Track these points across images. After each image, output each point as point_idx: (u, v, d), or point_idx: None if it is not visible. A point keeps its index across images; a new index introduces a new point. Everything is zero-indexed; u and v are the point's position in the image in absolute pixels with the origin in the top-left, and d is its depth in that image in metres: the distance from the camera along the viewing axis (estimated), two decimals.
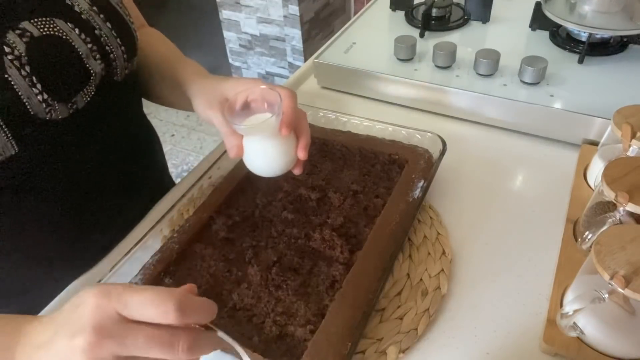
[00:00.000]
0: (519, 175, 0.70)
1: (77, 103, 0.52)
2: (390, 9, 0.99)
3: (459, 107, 0.77)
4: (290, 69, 2.24)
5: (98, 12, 0.54)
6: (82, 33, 0.51)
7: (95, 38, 0.53)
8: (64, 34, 0.50)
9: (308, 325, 0.48)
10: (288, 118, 0.49)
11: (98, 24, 0.53)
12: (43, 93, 0.47)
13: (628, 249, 0.42)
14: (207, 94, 0.55)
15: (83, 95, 0.52)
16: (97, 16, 0.54)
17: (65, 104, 0.50)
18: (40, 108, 0.48)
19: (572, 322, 0.45)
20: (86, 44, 0.52)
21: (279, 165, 0.52)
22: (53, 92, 0.48)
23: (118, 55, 0.56)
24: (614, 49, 0.80)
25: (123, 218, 0.64)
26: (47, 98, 0.48)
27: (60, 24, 0.50)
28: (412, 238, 0.59)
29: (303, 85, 0.90)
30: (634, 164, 0.50)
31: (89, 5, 0.53)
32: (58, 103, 0.49)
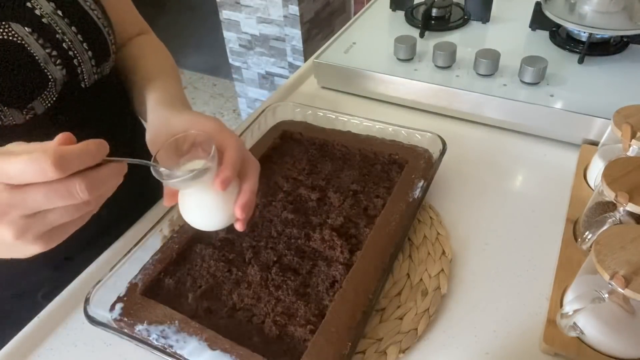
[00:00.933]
0: (519, 175, 0.70)
1: (35, 109, 0.50)
2: (390, 9, 0.99)
3: (459, 107, 0.77)
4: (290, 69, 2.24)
5: (62, 16, 0.52)
6: (41, 38, 0.50)
7: (57, 43, 0.51)
8: (19, 38, 0.48)
9: (308, 325, 0.48)
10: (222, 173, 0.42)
11: (61, 28, 0.52)
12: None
13: (628, 249, 0.42)
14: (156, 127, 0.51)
15: (42, 101, 0.51)
16: (61, 20, 0.52)
17: (20, 110, 0.49)
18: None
19: (572, 322, 0.45)
20: (45, 48, 0.50)
21: (214, 221, 0.45)
22: (4, 98, 0.47)
23: (84, 60, 0.54)
24: (614, 49, 0.80)
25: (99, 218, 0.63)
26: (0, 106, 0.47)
27: (16, 28, 0.48)
28: (412, 238, 0.59)
29: (303, 85, 0.90)
30: (634, 164, 0.50)
31: (52, 9, 0.52)
32: (9, 109, 0.48)
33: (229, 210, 0.44)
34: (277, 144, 0.72)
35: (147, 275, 0.54)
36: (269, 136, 0.72)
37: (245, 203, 0.44)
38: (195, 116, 0.48)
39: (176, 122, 0.48)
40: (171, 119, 0.49)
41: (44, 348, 0.53)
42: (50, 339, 0.54)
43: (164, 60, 0.66)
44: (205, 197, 0.44)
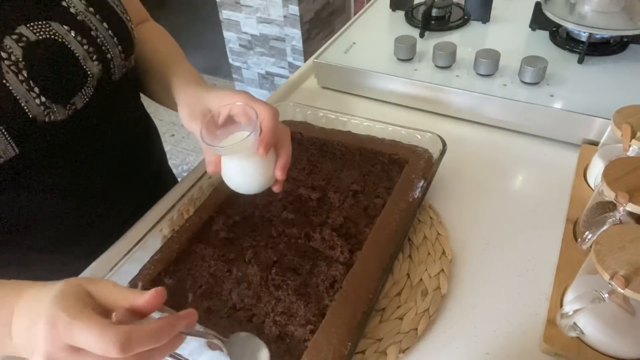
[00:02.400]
0: (519, 175, 0.70)
1: (75, 104, 0.52)
2: (390, 9, 0.99)
3: (459, 107, 0.77)
4: (290, 69, 2.23)
5: (94, 12, 0.54)
6: (79, 35, 0.52)
7: (92, 39, 0.53)
8: (60, 37, 0.50)
9: (308, 325, 0.48)
10: (265, 138, 0.47)
11: (94, 25, 0.54)
12: (41, 96, 0.48)
13: (628, 249, 0.42)
14: (191, 104, 0.54)
15: (81, 96, 0.53)
16: (93, 17, 0.54)
17: (64, 106, 0.51)
18: (38, 111, 0.48)
19: (572, 322, 0.45)
20: (82, 45, 0.52)
21: (256, 184, 0.50)
22: (51, 95, 0.49)
23: (115, 55, 0.56)
24: (614, 49, 0.80)
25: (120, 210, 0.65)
26: (45, 101, 0.49)
27: (56, 27, 0.50)
28: (412, 238, 0.59)
29: (303, 85, 0.90)
30: (634, 164, 0.50)
31: (85, 6, 0.53)
32: (56, 105, 0.50)
33: (269, 173, 0.50)
34: None
35: (147, 275, 0.54)
36: None
37: (285, 165, 0.49)
38: (225, 91, 0.52)
39: (209, 98, 0.52)
40: (204, 95, 0.53)
41: None
42: None
43: (173, 45, 0.69)
44: (248, 162, 0.48)
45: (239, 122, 0.50)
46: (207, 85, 0.56)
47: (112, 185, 0.63)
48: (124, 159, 0.64)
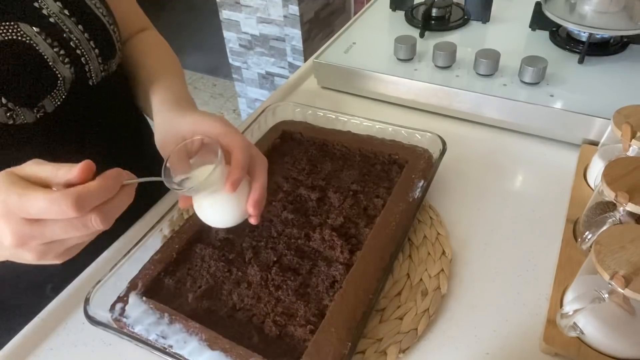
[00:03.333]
0: (519, 175, 0.70)
1: (45, 107, 0.51)
2: (390, 9, 0.99)
3: (459, 107, 0.77)
4: (290, 69, 2.24)
5: (69, 15, 0.53)
6: (49, 37, 0.50)
7: (64, 42, 0.52)
8: (28, 38, 0.49)
9: (308, 325, 0.48)
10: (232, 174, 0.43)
11: (68, 27, 0.52)
12: (1, 98, 0.47)
13: (628, 249, 0.42)
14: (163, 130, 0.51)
15: (51, 99, 0.51)
16: (67, 19, 0.53)
17: (31, 109, 0.50)
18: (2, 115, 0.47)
19: (572, 322, 0.45)
20: (53, 48, 0.51)
21: (229, 219, 0.47)
22: (14, 97, 0.48)
23: (91, 58, 0.55)
24: (614, 49, 0.80)
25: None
26: (7, 103, 0.48)
27: (24, 28, 0.49)
28: (412, 238, 0.59)
29: (303, 85, 0.90)
30: (634, 164, 0.50)
31: (59, 8, 0.52)
32: (21, 108, 0.49)
33: (242, 207, 0.46)
34: (277, 144, 0.72)
35: (147, 275, 0.54)
36: (269, 136, 0.72)
37: (257, 200, 0.46)
38: (200, 116, 0.49)
39: (182, 124, 0.49)
40: (176, 121, 0.50)
41: (44, 348, 0.53)
42: (50, 339, 0.54)
43: (167, 57, 0.67)
44: (218, 197, 0.45)
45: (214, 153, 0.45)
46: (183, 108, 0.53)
47: None
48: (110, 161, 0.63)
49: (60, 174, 0.35)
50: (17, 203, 0.33)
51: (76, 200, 0.33)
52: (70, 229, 0.35)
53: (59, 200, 0.33)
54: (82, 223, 0.35)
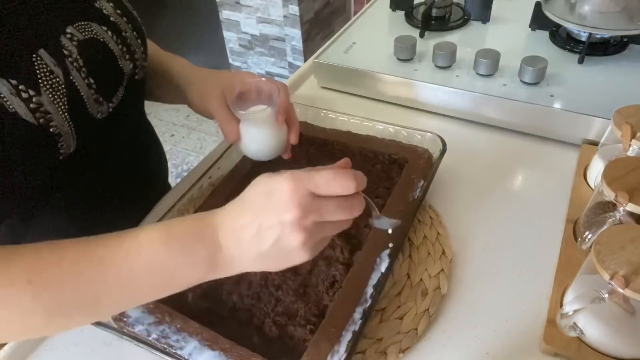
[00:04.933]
0: (519, 175, 0.70)
1: (114, 102, 0.54)
2: (390, 9, 0.99)
3: (459, 107, 0.77)
4: (290, 69, 2.23)
5: (121, 15, 0.56)
6: (114, 35, 0.53)
7: (124, 40, 0.55)
8: (101, 36, 0.52)
9: (308, 325, 0.48)
10: (284, 107, 0.55)
11: (124, 26, 0.55)
12: (97, 93, 0.50)
13: (628, 249, 0.42)
14: (201, 85, 0.59)
15: (118, 94, 0.55)
16: (121, 19, 0.55)
17: (107, 103, 0.53)
18: (94, 108, 0.50)
19: (572, 322, 0.45)
20: (118, 45, 0.54)
21: (272, 150, 0.59)
22: (102, 91, 0.51)
23: (139, 55, 0.58)
24: (614, 49, 0.80)
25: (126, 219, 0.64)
26: (99, 97, 0.51)
27: (96, 28, 0.52)
28: (412, 238, 0.59)
29: (303, 85, 0.90)
30: (634, 164, 0.50)
31: (113, 9, 0.55)
32: (105, 102, 0.52)
33: (283, 140, 0.59)
34: None
35: None
36: None
37: (297, 131, 0.60)
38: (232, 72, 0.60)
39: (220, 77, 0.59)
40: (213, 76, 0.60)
41: (43, 348, 0.53)
42: (50, 339, 0.54)
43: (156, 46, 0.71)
44: (265, 130, 0.57)
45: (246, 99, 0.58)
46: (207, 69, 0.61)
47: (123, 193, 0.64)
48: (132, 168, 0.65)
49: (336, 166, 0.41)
50: (306, 176, 0.37)
51: (354, 176, 0.37)
52: (341, 209, 0.38)
53: (343, 173, 0.37)
54: (350, 205, 0.38)
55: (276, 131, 0.58)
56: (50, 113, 0.45)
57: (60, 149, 0.47)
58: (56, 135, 0.46)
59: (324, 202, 0.37)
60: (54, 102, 0.45)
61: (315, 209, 0.37)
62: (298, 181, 0.37)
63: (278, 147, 0.59)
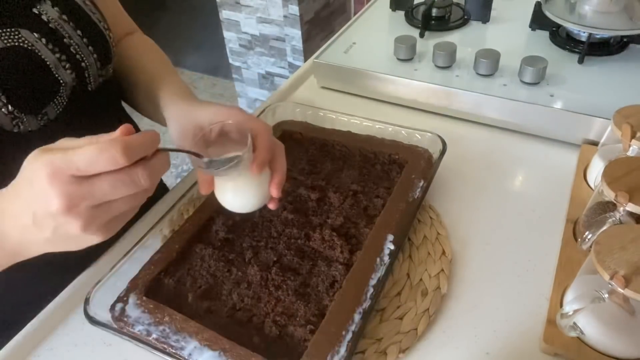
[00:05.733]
0: (519, 175, 0.70)
1: (47, 114, 0.51)
2: (390, 9, 0.99)
3: (459, 107, 0.77)
4: (290, 69, 2.23)
5: (68, 20, 0.53)
6: (50, 43, 0.50)
7: (64, 47, 0.52)
8: (30, 44, 0.49)
9: (308, 325, 0.48)
10: (260, 157, 0.45)
11: (67, 32, 0.52)
12: (8, 105, 0.47)
13: (628, 249, 0.42)
14: (181, 121, 0.52)
15: (54, 106, 0.51)
16: (66, 24, 0.52)
17: (35, 116, 0.49)
18: (6, 120, 0.47)
19: (572, 322, 0.45)
20: (54, 53, 0.50)
21: (251, 203, 0.49)
22: (20, 104, 0.48)
23: (90, 63, 0.55)
24: (614, 49, 0.80)
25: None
26: (13, 110, 0.47)
27: (25, 34, 0.48)
28: (412, 238, 0.59)
29: (303, 85, 0.90)
30: (634, 164, 0.50)
31: (58, 13, 0.52)
32: (26, 115, 0.48)
33: (264, 191, 0.49)
34: None
35: (147, 275, 0.54)
36: None
37: (280, 182, 0.48)
38: (217, 107, 0.50)
39: (201, 114, 0.50)
40: (195, 111, 0.51)
41: (44, 348, 0.53)
42: (50, 339, 0.54)
43: (162, 58, 0.67)
44: (241, 181, 0.47)
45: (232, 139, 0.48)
46: (197, 100, 0.54)
47: None
48: None
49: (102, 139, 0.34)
50: (63, 159, 0.32)
51: (125, 146, 0.32)
52: (119, 185, 0.34)
53: (108, 146, 0.32)
54: (130, 178, 0.34)
55: (253, 183, 0.47)
56: None
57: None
58: None
59: (94, 184, 0.33)
60: None
61: (84, 194, 0.33)
62: (56, 168, 0.32)
63: (255, 199, 0.49)
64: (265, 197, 0.49)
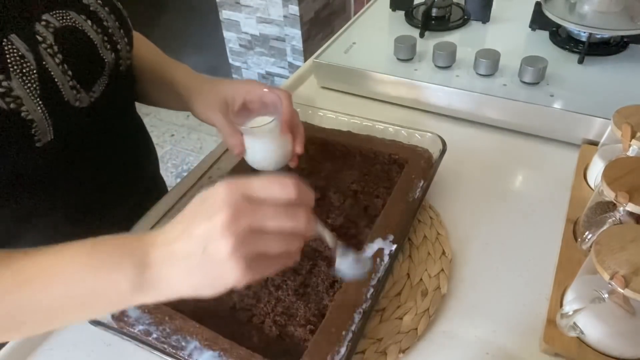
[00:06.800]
0: (519, 175, 0.70)
1: (95, 92, 0.53)
2: (390, 9, 0.99)
3: (459, 107, 0.77)
4: (290, 69, 2.23)
5: (102, 5, 0.55)
6: (94, 24, 0.53)
7: (105, 29, 0.54)
8: (80, 24, 0.52)
9: (308, 325, 0.48)
10: (287, 118, 0.54)
11: (104, 15, 0.55)
12: (73, 80, 0.50)
13: (628, 249, 0.42)
14: (205, 95, 0.59)
15: (100, 83, 0.54)
16: (102, 9, 0.55)
17: (87, 92, 0.52)
18: (71, 95, 0.50)
19: (572, 322, 0.45)
20: (98, 34, 0.53)
21: (278, 161, 0.58)
22: (80, 79, 0.51)
23: (122, 46, 0.57)
24: (614, 49, 0.80)
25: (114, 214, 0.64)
26: (77, 85, 0.50)
27: (74, 16, 0.51)
28: (412, 238, 0.59)
29: (303, 85, 0.90)
30: (634, 164, 0.50)
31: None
32: (84, 90, 0.51)
33: (288, 150, 0.59)
34: None
35: None
36: None
37: (302, 140, 0.59)
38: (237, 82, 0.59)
39: (222, 89, 0.59)
40: (216, 87, 0.59)
41: (44, 348, 0.53)
42: (50, 339, 0.54)
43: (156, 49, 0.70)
44: (271, 142, 0.57)
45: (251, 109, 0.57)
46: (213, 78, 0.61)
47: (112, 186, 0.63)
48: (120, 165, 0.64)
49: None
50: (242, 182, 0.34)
51: (297, 182, 0.34)
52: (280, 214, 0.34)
53: (282, 178, 0.35)
54: (292, 211, 0.34)
55: (280, 142, 0.57)
56: (20, 97, 0.45)
57: (35, 136, 0.47)
58: (28, 121, 0.46)
59: (261, 205, 0.34)
60: (24, 87, 0.45)
61: (250, 210, 0.33)
62: (233, 184, 0.34)
63: (283, 158, 0.59)
64: (289, 155, 0.59)
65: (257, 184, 0.34)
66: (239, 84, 0.58)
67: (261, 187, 0.34)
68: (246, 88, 0.57)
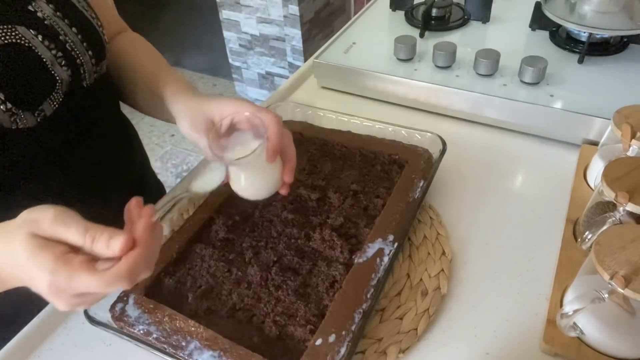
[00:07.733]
0: (519, 175, 0.70)
1: (44, 111, 0.51)
2: (390, 9, 0.99)
3: (459, 107, 0.77)
4: (290, 69, 2.24)
5: (62, 17, 0.53)
6: (46, 40, 0.50)
7: (60, 44, 0.52)
8: (27, 41, 0.49)
9: (308, 325, 0.48)
10: (273, 146, 0.48)
11: (63, 29, 0.52)
12: (6, 102, 0.47)
13: (628, 249, 0.42)
14: (191, 114, 0.54)
15: (50, 102, 0.52)
16: (61, 22, 0.53)
17: (32, 113, 0.50)
18: (4, 118, 0.47)
19: (572, 322, 0.45)
20: (50, 50, 0.51)
21: (265, 190, 0.52)
22: (17, 101, 0.48)
23: (85, 60, 0.55)
24: (614, 49, 0.80)
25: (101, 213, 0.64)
26: (11, 107, 0.48)
27: (22, 31, 0.49)
28: (412, 238, 0.59)
29: (303, 85, 0.90)
30: (634, 164, 0.50)
31: (52, 11, 0.52)
32: (24, 112, 0.49)
33: (277, 178, 0.51)
34: None
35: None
36: None
37: (292, 168, 0.51)
38: (225, 100, 0.52)
39: (209, 107, 0.52)
40: (204, 104, 0.53)
41: (44, 348, 0.53)
42: (50, 339, 0.54)
43: (157, 55, 0.67)
44: (256, 170, 0.50)
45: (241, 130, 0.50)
46: (203, 94, 0.56)
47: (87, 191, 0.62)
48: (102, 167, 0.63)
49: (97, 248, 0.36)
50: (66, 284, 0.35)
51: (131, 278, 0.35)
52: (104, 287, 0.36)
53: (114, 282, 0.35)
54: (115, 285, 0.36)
55: (267, 171, 0.50)
56: None
57: None
58: None
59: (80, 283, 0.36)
60: None
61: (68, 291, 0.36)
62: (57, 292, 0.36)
63: (271, 186, 0.52)
64: (278, 183, 0.52)
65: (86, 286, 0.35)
66: (226, 104, 0.52)
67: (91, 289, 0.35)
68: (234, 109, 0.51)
